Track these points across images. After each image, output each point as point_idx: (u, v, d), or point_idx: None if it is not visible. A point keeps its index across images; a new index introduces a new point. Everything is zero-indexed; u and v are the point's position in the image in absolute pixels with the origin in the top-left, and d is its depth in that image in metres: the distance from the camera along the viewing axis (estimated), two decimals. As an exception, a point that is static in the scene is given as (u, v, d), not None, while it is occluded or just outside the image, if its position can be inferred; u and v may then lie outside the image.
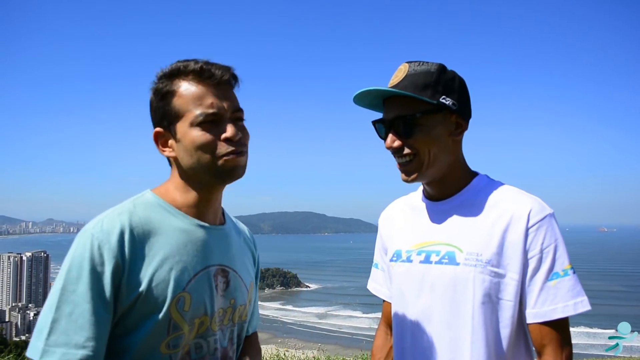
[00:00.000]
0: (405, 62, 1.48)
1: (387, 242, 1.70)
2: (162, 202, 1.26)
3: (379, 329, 1.84)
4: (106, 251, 1.10)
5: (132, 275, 1.12)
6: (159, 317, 1.13)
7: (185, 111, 1.22)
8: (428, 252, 1.49)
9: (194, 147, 1.21)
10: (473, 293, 1.38)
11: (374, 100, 1.50)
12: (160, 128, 1.27)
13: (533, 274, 1.37)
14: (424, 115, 1.41)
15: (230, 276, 1.32)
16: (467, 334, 1.39)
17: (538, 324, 1.36)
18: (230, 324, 1.33)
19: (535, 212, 1.38)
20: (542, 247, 1.36)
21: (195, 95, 1.22)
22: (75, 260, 1.10)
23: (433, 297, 1.45)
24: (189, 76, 1.24)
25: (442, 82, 1.43)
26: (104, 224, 1.14)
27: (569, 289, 1.35)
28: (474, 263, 1.39)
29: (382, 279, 1.76)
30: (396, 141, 1.44)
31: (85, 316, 1.06)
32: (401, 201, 1.73)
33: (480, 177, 1.54)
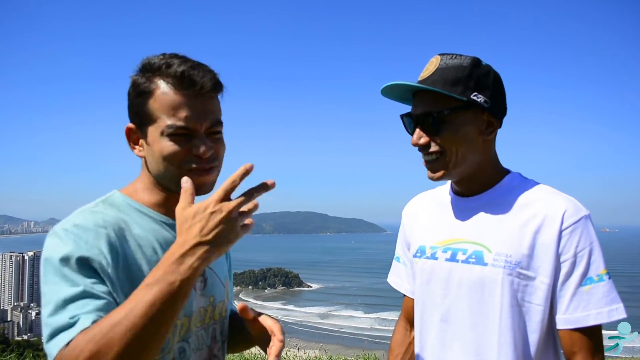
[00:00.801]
0: (437, 54, 1.42)
1: (410, 236, 1.66)
2: (132, 202, 1.22)
3: (398, 324, 1.80)
4: (83, 243, 1.05)
5: (110, 275, 1.06)
6: None
7: (157, 117, 1.16)
8: (454, 250, 1.45)
9: (162, 157, 1.16)
10: (501, 295, 1.34)
11: (404, 93, 1.47)
12: (133, 125, 1.22)
13: (565, 279, 1.32)
14: (453, 113, 1.36)
15: (207, 274, 1.29)
16: (494, 337, 1.35)
17: (569, 331, 1.32)
18: (212, 321, 1.30)
19: (570, 213, 1.33)
20: (577, 251, 1.31)
21: (171, 104, 1.15)
22: (55, 253, 1.04)
23: (459, 297, 1.42)
24: (168, 78, 1.15)
25: (474, 77, 1.37)
26: (77, 220, 1.10)
27: (603, 295, 1.30)
28: (503, 264, 1.34)
29: (404, 273, 1.72)
30: (423, 138, 1.40)
31: (68, 303, 0.99)
32: (427, 195, 1.69)
33: (513, 175, 1.49)
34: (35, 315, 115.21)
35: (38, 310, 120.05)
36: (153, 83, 1.16)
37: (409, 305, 1.70)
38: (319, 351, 9.32)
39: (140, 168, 1.28)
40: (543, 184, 1.47)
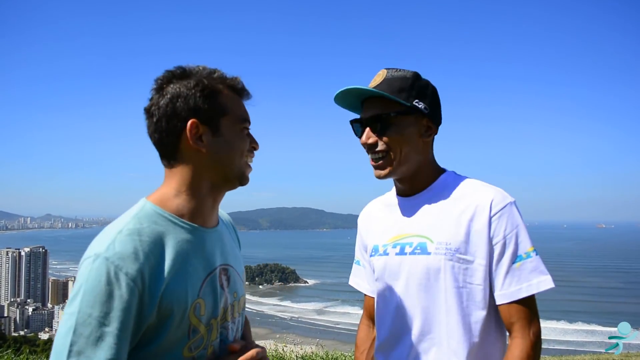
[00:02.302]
0: (383, 68, 1.62)
1: (366, 239, 1.81)
2: (164, 213, 1.25)
3: (362, 322, 1.94)
4: (123, 275, 1.10)
5: (152, 293, 1.13)
6: (180, 326, 1.18)
7: (230, 109, 1.31)
8: (402, 244, 1.60)
9: (236, 147, 1.31)
10: (444, 279, 1.50)
11: (354, 101, 1.64)
12: (196, 119, 1.27)
13: (499, 259, 1.48)
14: (398, 116, 1.54)
15: (230, 272, 1.38)
16: (442, 317, 1.50)
17: (506, 305, 1.48)
18: (238, 315, 1.40)
19: (497, 201, 1.50)
20: (505, 234, 1.48)
21: (241, 104, 1.35)
22: (91, 285, 1.09)
23: (409, 286, 1.56)
24: (230, 86, 1.34)
25: (416, 87, 1.56)
26: (116, 247, 1.13)
27: (532, 270, 1.47)
28: (444, 252, 1.50)
29: (363, 274, 1.87)
30: (371, 138, 1.57)
31: (104, 338, 1.07)
32: (377, 200, 1.85)
33: (448, 173, 1.66)
34: (32, 310, 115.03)
35: (35, 306, 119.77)
36: (217, 85, 1.31)
37: (370, 304, 1.87)
38: (315, 347, 9.33)
39: (164, 174, 1.33)
40: (472, 178, 1.65)
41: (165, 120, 1.26)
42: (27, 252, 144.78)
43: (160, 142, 1.28)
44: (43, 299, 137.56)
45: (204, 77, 1.29)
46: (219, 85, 1.31)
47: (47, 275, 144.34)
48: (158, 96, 1.28)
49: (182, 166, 1.29)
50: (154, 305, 1.13)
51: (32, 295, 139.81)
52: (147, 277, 1.13)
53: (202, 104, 1.27)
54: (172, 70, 1.30)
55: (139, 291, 1.11)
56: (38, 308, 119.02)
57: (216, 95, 1.30)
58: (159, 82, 1.29)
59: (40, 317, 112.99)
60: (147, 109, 1.29)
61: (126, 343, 1.10)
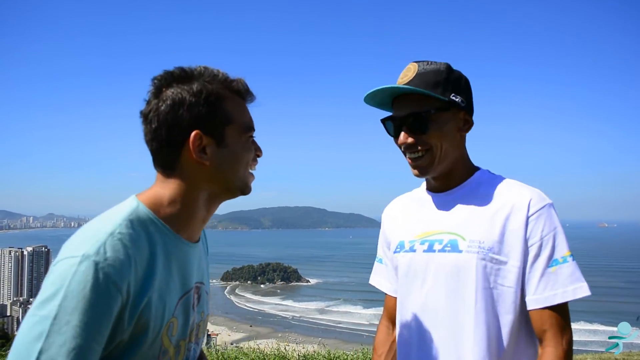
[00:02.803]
0: (412, 61, 1.53)
1: (390, 235, 1.73)
2: (156, 220, 1.15)
3: (381, 323, 1.85)
4: (111, 285, 0.99)
5: (134, 308, 1.04)
6: (153, 345, 1.09)
7: (235, 118, 1.20)
8: (431, 241, 1.53)
9: (241, 157, 1.22)
10: (475, 279, 1.43)
11: (384, 98, 1.55)
12: (199, 130, 1.15)
13: (533, 261, 1.41)
14: (437, 112, 1.47)
15: (201, 290, 1.31)
16: (469, 319, 1.43)
17: (539, 310, 1.40)
18: (202, 335, 1.34)
19: (535, 202, 1.44)
20: (542, 235, 1.41)
21: (244, 109, 1.25)
22: (74, 289, 0.97)
23: (436, 285, 1.50)
24: (234, 90, 1.23)
25: (451, 80, 1.50)
26: (107, 252, 1.02)
27: (568, 275, 1.40)
28: (476, 250, 1.44)
29: (385, 273, 1.79)
30: (410, 137, 1.49)
31: (78, 351, 0.95)
32: (404, 197, 1.78)
33: (482, 171, 1.61)
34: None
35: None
36: (222, 90, 1.20)
37: (390, 304, 1.78)
38: (317, 346, 9.33)
39: (156, 175, 1.22)
40: (511, 179, 1.58)
41: (165, 130, 1.14)
42: (29, 252, 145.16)
43: (158, 151, 1.17)
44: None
45: (207, 81, 1.18)
46: (223, 90, 1.20)
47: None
48: (157, 101, 1.15)
49: (178, 179, 1.18)
50: (132, 320, 1.04)
51: (35, 294, 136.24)
52: (133, 289, 1.04)
53: (206, 113, 1.16)
54: (172, 72, 1.18)
55: (123, 303, 1.02)
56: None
57: (221, 102, 1.18)
58: (157, 84, 1.17)
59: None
60: (145, 114, 1.16)
61: (99, 353, 1.00)
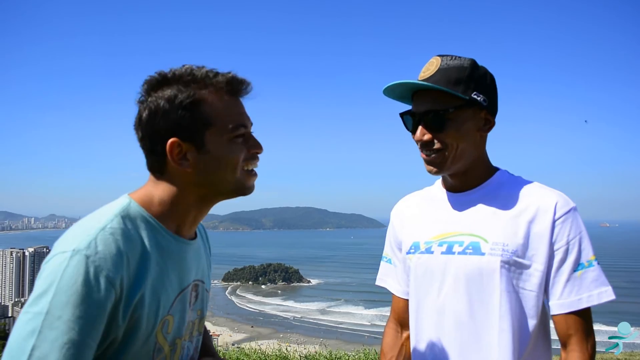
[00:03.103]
0: (436, 55, 1.48)
1: (401, 234, 1.67)
2: (148, 217, 1.16)
3: (388, 325, 1.78)
4: (103, 278, 0.99)
5: (127, 303, 1.04)
6: (147, 342, 1.09)
7: (215, 122, 1.16)
8: (450, 243, 1.49)
9: (227, 162, 1.17)
10: (500, 282, 1.39)
11: (404, 92, 1.51)
12: (177, 138, 1.14)
13: (559, 266, 1.39)
14: (456, 111, 1.42)
15: (200, 289, 1.30)
16: (494, 323, 1.40)
17: (563, 315, 1.39)
18: (197, 333, 1.32)
19: (561, 205, 1.41)
20: (569, 239, 1.39)
21: (227, 106, 1.18)
22: (66, 284, 0.97)
23: (456, 288, 1.45)
24: (216, 86, 1.18)
25: (474, 77, 1.44)
26: (99, 246, 1.02)
27: (594, 279, 1.38)
28: (500, 253, 1.40)
29: (394, 273, 1.73)
30: (426, 134, 1.45)
31: (71, 346, 0.95)
32: (416, 195, 1.73)
33: (502, 171, 1.56)
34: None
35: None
36: (199, 92, 1.16)
37: (399, 305, 1.72)
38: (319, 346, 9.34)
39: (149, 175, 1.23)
40: (532, 181, 1.54)
41: (147, 139, 1.16)
42: (31, 252, 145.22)
43: (147, 158, 1.20)
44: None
45: (184, 84, 1.15)
46: (202, 91, 1.16)
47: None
48: (141, 108, 1.16)
49: (168, 182, 1.19)
50: (126, 315, 1.04)
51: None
52: (125, 284, 1.03)
53: (182, 119, 1.14)
54: (151, 78, 1.17)
55: (116, 298, 1.02)
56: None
57: (198, 105, 1.15)
58: (142, 91, 1.18)
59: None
60: (134, 124, 1.19)
61: (93, 349, 0.99)
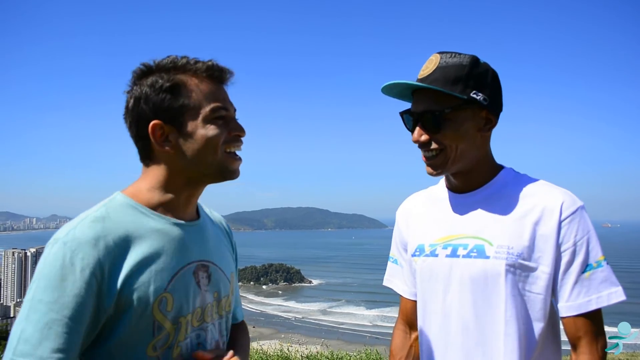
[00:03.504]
0: (436, 52, 1.44)
1: (406, 236, 1.65)
2: (135, 204, 1.21)
3: (397, 327, 1.76)
4: (78, 260, 1.06)
5: (112, 282, 1.09)
6: (143, 320, 1.12)
7: (197, 105, 1.21)
8: (455, 246, 1.46)
9: (205, 142, 1.21)
10: (505, 286, 1.36)
11: (403, 90, 1.47)
12: (159, 120, 1.21)
13: (567, 267, 1.35)
14: (454, 111, 1.38)
15: (211, 270, 1.31)
16: (500, 327, 1.37)
17: (573, 317, 1.35)
18: (218, 316, 1.33)
19: (568, 204, 1.36)
20: (576, 240, 1.34)
21: (207, 90, 1.23)
22: (45, 269, 1.06)
23: (461, 292, 1.42)
24: (197, 72, 1.23)
25: (474, 76, 1.39)
26: (76, 232, 1.10)
27: (603, 280, 1.34)
28: (505, 256, 1.37)
29: (401, 274, 1.71)
30: (423, 135, 1.42)
31: (51, 325, 1.02)
32: (422, 194, 1.69)
33: (507, 170, 1.51)
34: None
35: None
36: (179, 76, 1.22)
37: (407, 307, 1.70)
38: (320, 347, 9.33)
39: (141, 169, 1.29)
40: (538, 178, 1.48)
41: (134, 125, 1.23)
42: (33, 253, 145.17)
43: (136, 145, 1.26)
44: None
45: (165, 71, 1.22)
46: (181, 77, 1.22)
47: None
48: (128, 97, 1.24)
49: (156, 166, 1.25)
50: (112, 295, 1.08)
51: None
52: (106, 266, 1.08)
53: (163, 102, 1.20)
54: (137, 68, 1.24)
55: (97, 280, 1.07)
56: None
57: (179, 89, 1.21)
58: (129, 83, 1.25)
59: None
60: (123, 113, 1.26)
61: (77, 333, 1.05)
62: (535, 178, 1.49)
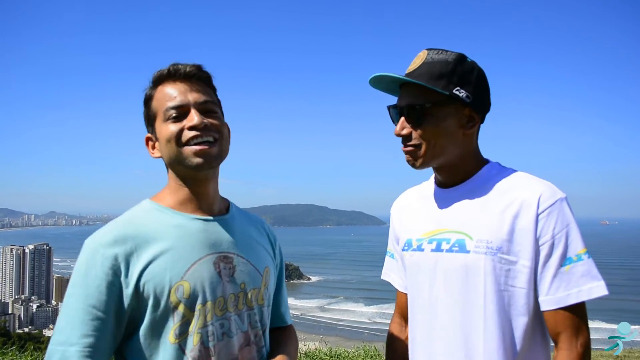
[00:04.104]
0: (425, 49, 1.45)
1: (399, 231, 1.68)
2: (157, 206, 1.34)
3: (393, 320, 1.80)
4: (99, 257, 1.20)
5: (130, 274, 1.21)
6: (162, 308, 1.21)
7: (158, 110, 1.33)
8: (439, 240, 1.47)
9: (166, 140, 1.30)
10: (484, 281, 1.37)
11: (390, 84, 1.49)
12: (148, 133, 1.39)
13: (546, 261, 1.34)
14: (435, 106, 1.39)
15: (236, 262, 1.35)
16: (479, 322, 1.37)
17: (553, 311, 1.34)
18: (246, 307, 1.35)
19: (546, 197, 1.35)
20: (554, 233, 1.33)
21: (166, 93, 1.32)
22: (76, 268, 1.23)
23: (445, 286, 1.44)
24: (162, 79, 1.34)
25: (457, 73, 1.40)
26: (100, 233, 1.25)
27: (583, 274, 1.32)
28: (485, 250, 1.37)
29: (396, 268, 1.74)
30: (405, 129, 1.43)
31: (79, 315, 1.17)
32: (414, 190, 1.71)
33: (492, 164, 1.51)
34: (36, 308, 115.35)
35: (39, 303, 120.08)
36: (154, 90, 1.36)
37: (402, 300, 1.73)
38: (319, 343, 9.31)
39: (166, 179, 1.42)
40: (522, 171, 1.48)
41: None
42: (31, 250, 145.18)
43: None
44: (47, 296, 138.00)
45: (148, 87, 1.38)
46: (151, 90, 1.36)
47: (51, 272, 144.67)
48: None
49: (167, 171, 1.40)
50: (132, 286, 1.20)
51: (37, 292, 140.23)
52: (125, 261, 1.21)
53: (145, 116, 1.38)
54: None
55: (117, 273, 1.20)
56: (42, 305, 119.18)
57: (150, 101, 1.36)
58: None
59: (45, 314, 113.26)
60: None
61: (102, 320, 1.18)
62: (520, 171, 1.48)
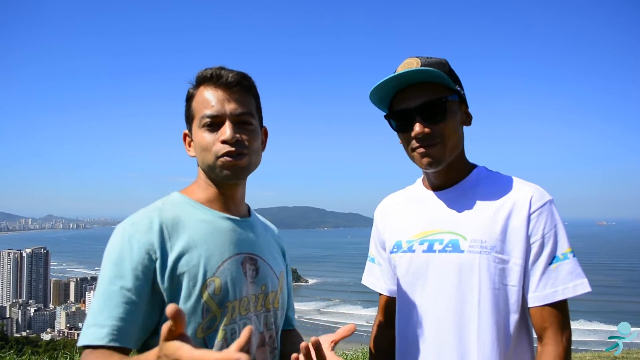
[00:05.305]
0: (410, 57, 1.47)
1: (384, 234, 1.68)
2: (188, 200, 1.36)
3: (375, 323, 1.81)
4: (135, 242, 1.20)
5: (164, 262, 1.21)
6: (192, 301, 1.21)
7: (196, 113, 1.34)
8: (431, 241, 1.49)
9: (200, 148, 1.33)
10: (479, 279, 1.40)
11: (388, 93, 1.47)
12: (187, 129, 1.41)
13: (535, 259, 1.40)
14: (451, 100, 1.43)
15: (259, 264, 1.38)
16: (473, 320, 1.40)
17: (539, 307, 1.39)
18: (264, 309, 1.38)
19: (536, 198, 1.41)
20: (544, 232, 1.39)
21: (204, 98, 1.33)
22: (108, 252, 1.22)
23: (438, 286, 1.46)
24: (204, 82, 1.34)
25: (453, 73, 1.47)
26: (134, 219, 1.26)
27: (569, 272, 1.38)
28: (479, 250, 1.41)
29: (379, 272, 1.74)
30: (427, 127, 1.42)
31: (112, 297, 1.16)
32: (398, 194, 1.73)
33: (480, 168, 1.56)
34: (34, 311, 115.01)
35: (36, 307, 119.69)
36: (195, 89, 1.36)
37: (385, 304, 1.75)
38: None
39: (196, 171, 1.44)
40: (510, 175, 1.54)
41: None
42: (28, 253, 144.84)
43: None
44: (45, 300, 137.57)
45: (192, 85, 1.38)
46: (195, 87, 1.37)
47: (49, 276, 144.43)
48: None
49: (199, 167, 1.41)
50: (165, 274, 1.21)
51: (34, 296, 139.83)
52: (159, 247, 1.22)
53: (185, 113, 1.40)
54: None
55: (151, 258, 1.20)
56: (40, 309, 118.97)
57: (190, 101, 1.37)
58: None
59: (42, 318, 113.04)
60: None
61: (135, 304, 1.18)
62: (508, 175, 1.53)
